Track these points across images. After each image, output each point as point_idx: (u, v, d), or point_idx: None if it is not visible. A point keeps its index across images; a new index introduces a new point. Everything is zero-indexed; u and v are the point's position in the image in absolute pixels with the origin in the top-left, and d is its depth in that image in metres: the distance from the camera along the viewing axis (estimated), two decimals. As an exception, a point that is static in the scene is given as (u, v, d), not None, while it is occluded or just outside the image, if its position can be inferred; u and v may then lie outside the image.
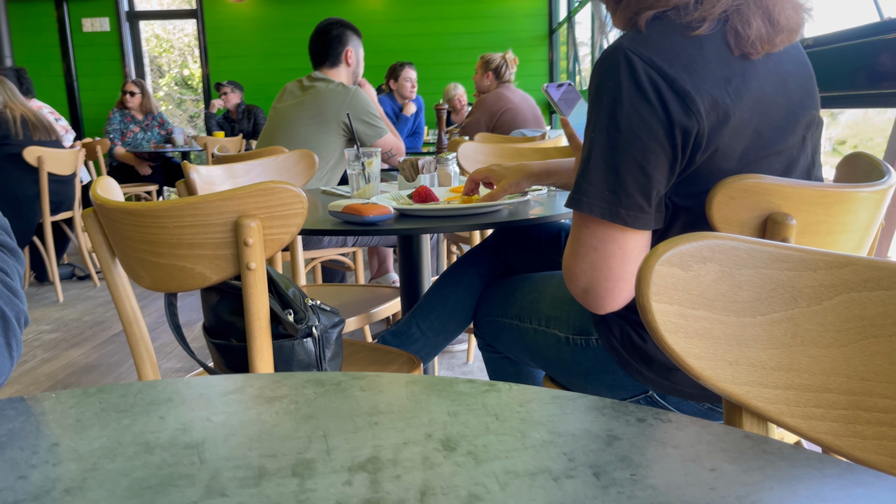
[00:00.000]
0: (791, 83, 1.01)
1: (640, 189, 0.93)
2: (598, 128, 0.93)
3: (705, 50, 0.92)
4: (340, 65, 2.74)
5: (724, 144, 0.93)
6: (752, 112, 0.95)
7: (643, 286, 0.51)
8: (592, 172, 0.94)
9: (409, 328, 1.55)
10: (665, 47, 0.91)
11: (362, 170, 1.61)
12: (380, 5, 6.81)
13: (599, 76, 0.93)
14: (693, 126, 0.90)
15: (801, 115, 1.03)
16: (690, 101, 0.89)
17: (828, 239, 1.02)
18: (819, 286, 0.51)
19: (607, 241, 0.96)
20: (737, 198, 0.95)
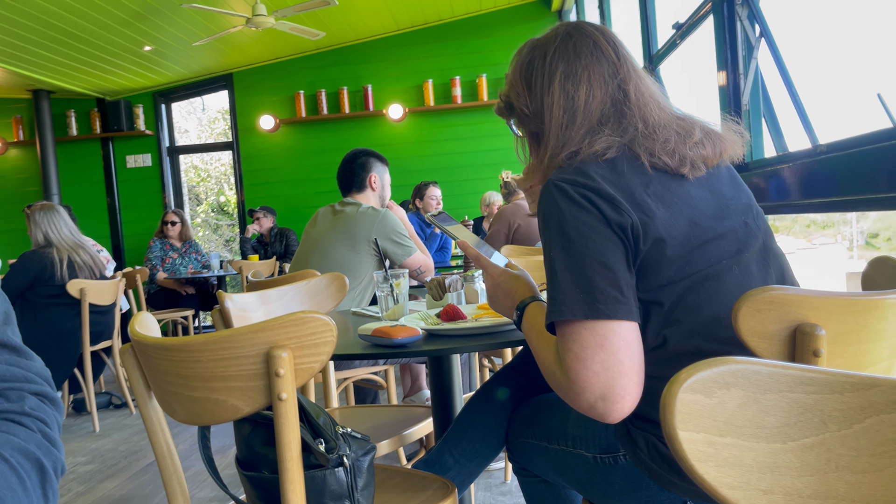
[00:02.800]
0: (713, 181, 1.14)
1: (609, 282, 0.98)
2: (554, 247, 1.02)
3: (618, 167, 1.07)
4: (366, 189, 2.86)
5: (663, 233, 1.02)
6: (680, 205, 1.06)
7: (668, 414, 0.51)
8: (561, 283, 1.00)
9: (441, 456, 1.52)
10: (584, 171, 1.05)
11: (391, 291, 1.64)
12: (406, 129, 7.13)
13: (542, 210, 1.06)
14: (626, 221, 1.00)
15: (733, 204, 1.13)
16: (617, 203, 1.01)
17: (861, 347, 1.00)
18: (847, 409, 0.51)
19: (609, 336, 0.97)
20: (762, 310, 0.95)
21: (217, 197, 13.50)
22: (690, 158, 1.10)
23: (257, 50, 6.85)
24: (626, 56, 1.19)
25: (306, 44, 6.77)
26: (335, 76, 7.12)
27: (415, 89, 7.05)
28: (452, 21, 6.98)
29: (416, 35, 7.04)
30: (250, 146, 7.29)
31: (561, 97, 1.14)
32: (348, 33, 6.88)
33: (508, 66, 1.26)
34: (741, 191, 1.18)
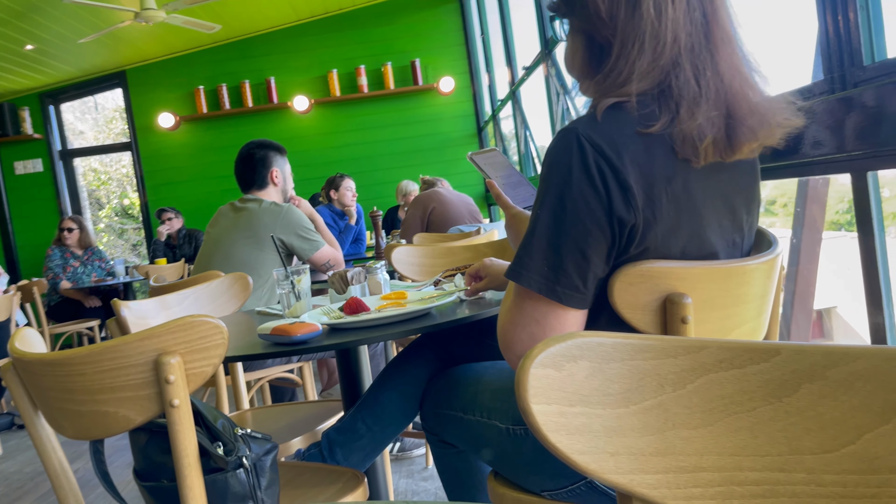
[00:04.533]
0: (733, 190, 1.05)
1: (578, 270, 0.95)
2: (545, 205, 0.96)
3: (653, 148, 0.94)
4: (268, 186, 2.80)
5: (659, 245, 0.97)
6: (690, 215, 0.98)
7: (522, 390, 0.54)
8: (534, 248, 0.97)
9: (354, 423, 1.53)
10: (616, 139, 0.93)
11: (292, 288, 1.63)
12: (313, 121, 7.02)
13: (552, 156, 0.96)
14: (630, 219, 0.93)
15: (742, 220, 1.07)
16: (632, 196, 0.92)
17: (726, 312, 1.07)
18: (681, 371, 0.55)
19: (549, 315, 0.98)
20: (635, 283, 1.01)
21: (120, 200, 12.91)
22: (739, 150, 0.98)
23: (151, 45, 6.58)
24: None
25: (203, 37, 6.55)
26: (236, 69, 6.93)
27: (320, 80, 6.95)
28: (354, 10, 6.91)
29: (318, 25, 6.93)
30: (150, 146, 7.01)
31: (647, 14, 0.94)
32: (247, 25, 6.70)
33: None
34: (753, 200, 1.10)
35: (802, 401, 0.52)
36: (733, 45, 0.99)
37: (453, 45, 6.96)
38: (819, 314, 15.54)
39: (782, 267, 1.25)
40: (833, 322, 15.57)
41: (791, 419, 0.52)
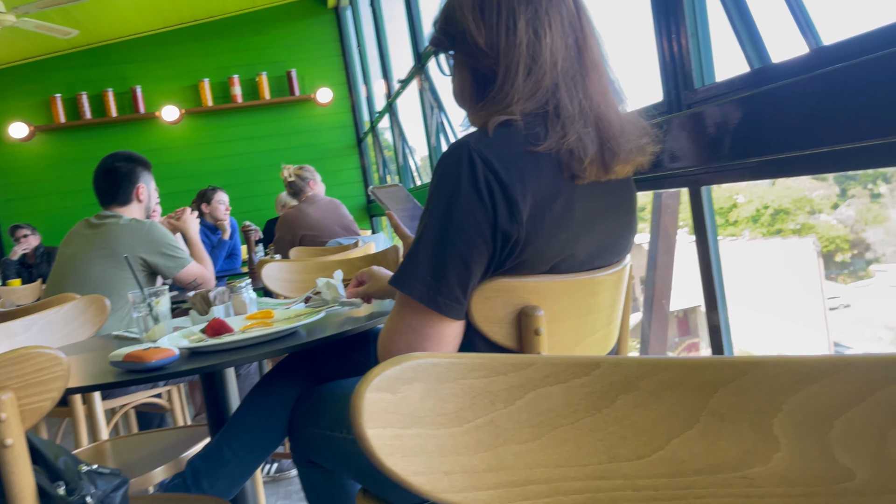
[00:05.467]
0: (610, 209, 1.09)
1: (460, 281, 0.97)
2: (433, 215, 0.97)
3: (540, 166, 0.98)
4: (132, 202, 2.66)
5: (535, 260, 1.00)
6: (568, 232, 1.01)
7: (357, 416, 0.54)
8: (420, 256, 0.98)
9: (219, 449, 1.48)
10: (505, 154, 0.96)
11: (149, 311, 1.55)
12: (183, 132, 6.73)
13: (443, 167, 0.98)
14: (514, 233, 0.96)
15: (617, 237, 1.12)
16: (517, 211, 0.95)
17: (577, 322, 1.13)
18: (511, 387, 0.57)
19: (426, 324, 0.99)
20: (491, 297, 1.04)
21: (-33, 216, 11.79)
22: (614, 169, 1.03)
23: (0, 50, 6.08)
24: (584, 8, 1.05)
25: (60, 42, 6.12)
26: (98, 77, 6.53)
27: (190, 89, 6.68)
28: (226, 18, 6.70)
29: (187, 32, 6.66)
30: (4, 157, 6.46)
31: (526, 38, 0.99)
32: (108, 31, 6.33)
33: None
34: (630, 225, 1.15)
35: (619, 410, 0.55)
36: (601, 71, 1.05)
37: (330, 55, 6.91)
38: (685, 313, 16.31)
39: (631, 276, 1.33)
40: (698, 320, 16.37)
41: (610, 428, 0.55)
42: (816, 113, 1.10)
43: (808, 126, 1.12)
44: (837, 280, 38.41)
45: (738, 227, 46.57)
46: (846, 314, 31.91)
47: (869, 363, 0.46)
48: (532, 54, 1.00)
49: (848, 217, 41.35)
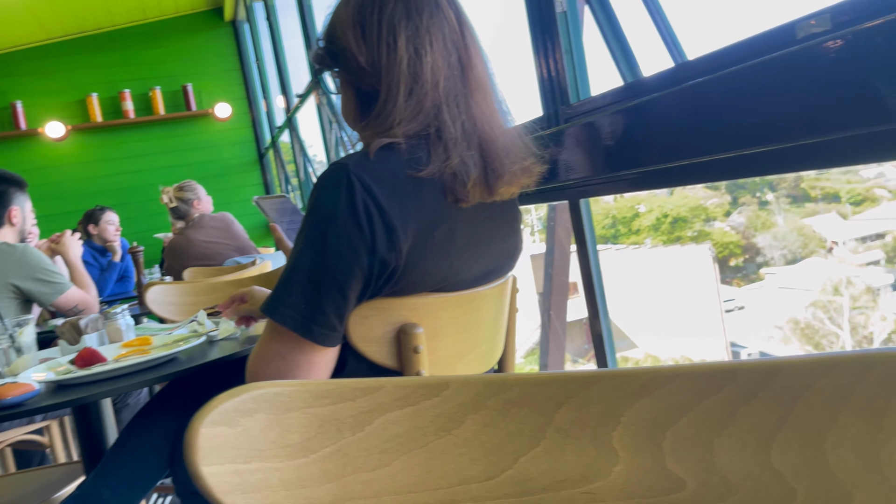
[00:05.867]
0: (495, 231, 1.09)
1: (336, 310, 0.94)
2: (308, 239, 0.93)
3: (423, 191, 0.95)
4: (3, 226, 2.48)
5: (412, 283, 0.98)
6: (452, 258, 1.00)
7: (191, 454, 0.51)
8: (293, 283, 0.94)
9: (96, 488, 1.38)
10: (386, 179, 0.93)
11: (11, 342, 1.44)
12: (70, 149, 6.37)
13: (320, 190, 0.94)
14: (392, 262, 0.93)
15: (504, 265, 1.11)
16: (396, 239, 0.92)
17: (459, 337, 1.12)
18: (360, 413, 0.55)
19: (296, 351, 0.95)
20: (369, 316, 1.02)
21: None
22: (498, 191, 1.02)
23: None
24: (467, 25, 1.03)
25: (-74, 53, 5.68)
26: (-28, 91, 6.10)
27: (77, 104, 6.34)
28: (115, 30, 6.41)
29: (73, 45, 6.32)
30: None
31: (406, 57, 0.97)
32: (-17, 42, 5.93)
33: (335, 9, 1.06)
34: (513, 241, 1.14)
35: (468, 431, 0.54)
36: (486, 90, 1.04)
37: (228, 69, 6.72)
38: None
39: (515, 288, 1.34)
40: None
41: (459, 450, 0.54)
42: (683, 125, 1.14)
43: (676, 138, 1.16)
44: (732, 283, 40.77)
45: (640, 236, 48.42)
46: (741, 315, 33.83)
47: (695, 373, 0.47)
48: (413, 73, 0.98)
49: (739, 224, 44.04)
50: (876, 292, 20.78)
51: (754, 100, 0.97)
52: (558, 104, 1.36)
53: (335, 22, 1.05)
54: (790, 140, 0.91)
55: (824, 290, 20.92)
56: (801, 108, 0.87)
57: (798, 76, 0.84)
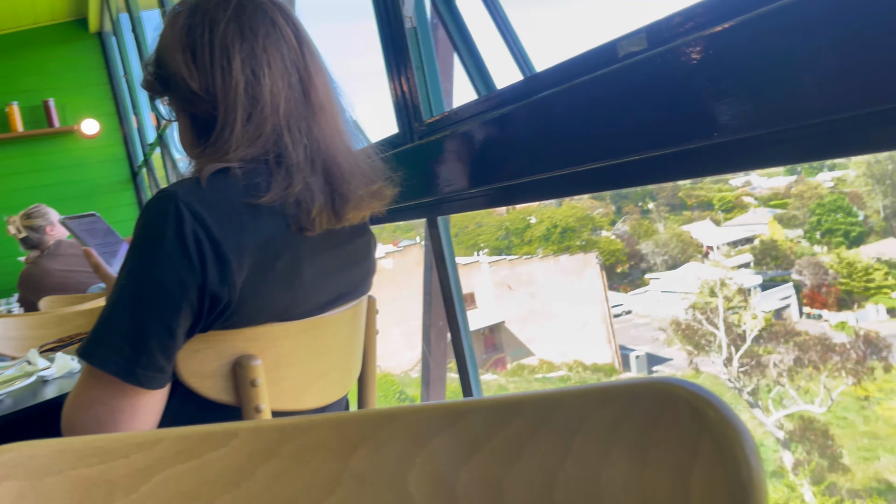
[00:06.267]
0: (347, 257, 1.03)
1: (163, 350, 0.85)
2: (131, 273, 0.84)
3: (262, 220, 0.89)
4: None
5: (249, 318, 0.91)
6: (296, 289, 0.94)
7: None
8: (114, 323, 0.84)
9: None
10: (220, 207, 0.86)
11: None
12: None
13: (145, 220, 0.85)
14: (225, 295, 0.86)
15: (356, 290, 1.06)
16: (230, 271, 0.85)
17: (306, 366, 1.06)
18: (135, 471, 0.49)
19: (118, 396, 0.85)
20: (200, 349, 0.94)
21: None
22: (347, 216, 0.97)
23: None
24: (308, 44, 0.99)
25: None
26: None
27: (-79, 121, 5.78)
28: (-37, 41, 5.90)
29: (-86, 56, 5.77)
30: None
31: (243, 80, 0.91)
32: None
33: (162, 32, 0.98)
34: (366, 266, 1.10)
35: (260, 483, 0.49)
36: (331, 112, 1.00)
37: (95, 84, 6.33)
38: (491, 330, 18.03)
39: (375, 309, 1.30)
40: (503, 335, 18.16)
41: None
42: (536, 139, 1.14)
43: (531, 152, 1.16)
44: (619, 289, 42.57)
45: (532, 247, 49.68)
46: (628, 320, 35.44)
47: (486, 407, 0.45)
48: (251, 97, 0.92)
49: (624, 232, 46.01)
50: (747, 292, 22.36)
51: (593, 114, 0.98)
52: (412, 121, 1.34)
53: (163, 45, 0.97)
54: (627, 154, 0.92)
55: (702, 292, 22.29)
56: (631, 124, 0.88)
57: (622, 93, 0.85)
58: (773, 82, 0.69)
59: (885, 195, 44.76)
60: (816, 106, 0.65)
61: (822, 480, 14.24)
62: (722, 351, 18.30)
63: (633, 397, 0.35)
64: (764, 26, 0.68)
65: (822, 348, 17.20)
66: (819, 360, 16.95)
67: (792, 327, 20.72)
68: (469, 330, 1.36)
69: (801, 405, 16.53)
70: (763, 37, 0.68)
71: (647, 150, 0.85)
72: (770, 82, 0.70)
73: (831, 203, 45.83)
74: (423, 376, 3.02)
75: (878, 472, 16.82)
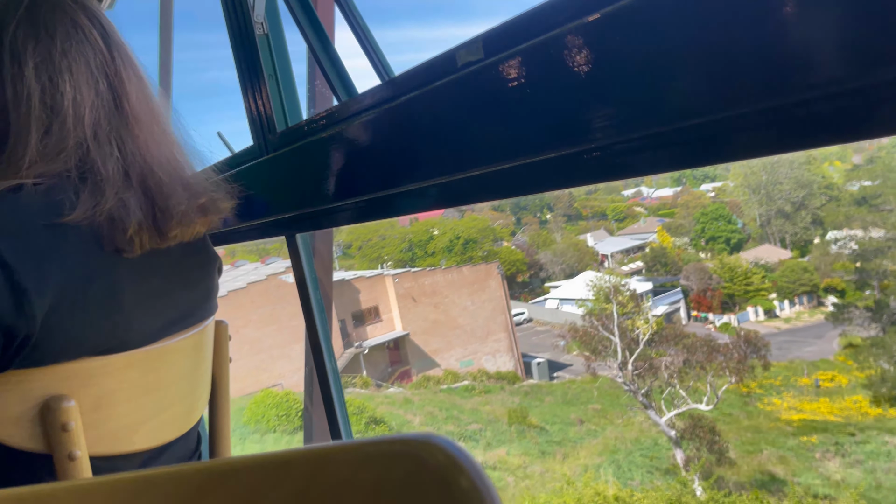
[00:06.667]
0: (181, 284, 0.94)
1: None
2: None
3: (67, 242, 0.78)
4: None
5: (60, 352, 0.80)
6: (115, 320, 0.84)
7: None
8: None
9: None
10: (13, 230, 0.75)
11: None
12: None
13: None
14: (22, 329, 0.75)
15: (195, 313, 0.97)
16: (27, 302, 0.74)
17: (137, 403, 0.96)
18: None
19: None
20: (2, 392, 0.82)
21: None
22: (171, 234, 0.87)
23: None
24: (120, 46, 0.90)
25: None
26: None
27: None
28: None
29: None
30: None
31: (38, 88, 0.82)
32: None
33: None
34: (205, 284, 1.00)
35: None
36: (149, 121, 0.91)
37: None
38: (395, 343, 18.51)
39: (226, 335, 1.20)
40: (408, 347, 18.51)
41: None
42: (391, 150, 1.08)
43: (391, 163, 1.10)
44: (520, 298, 43.51)
45: (436, 258, 50.04)
46: (529, 328, 36.31)
47: (254, 466, 0.38)
48: (49, 107, 0.83)
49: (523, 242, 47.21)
50: (640, 298, 23.38)
51: (441, 125, 0.93)
52: (265, 133, 1.26)
53: None
54: (471, 168, 0.88)
55: (598, 299, 23.11)
56: (474, 136, 0.84)
57: (464, 103, 0.81)
58: (618, 89, 0.67)
59: (760, 204, 48.22)
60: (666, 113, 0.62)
61: (710, 475, 15.01)
62: (617, 355, 19.00)
63: (391, 458, 0.29)
64: (600, 31, 0.65)
65: (708, 349, 18.19)
66: (705, 360, 17.91)
67: (681, 330, 21.84)
68: (334, 360, 1.28)
69: (691, 404, 17.39)
70: (603, 41, 0.65)
71: (489, 164, 0.81)
72: (615, 89, 0.67)
73: (713, 212, 48.91)
74: (305, 395, 2.90)
75: (762, 464, 17.94)
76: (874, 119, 0.50)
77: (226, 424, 1.22)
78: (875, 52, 0.47)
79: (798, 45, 0.51)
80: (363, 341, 26.22)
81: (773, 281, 38.61)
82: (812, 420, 21.71)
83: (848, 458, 18.13)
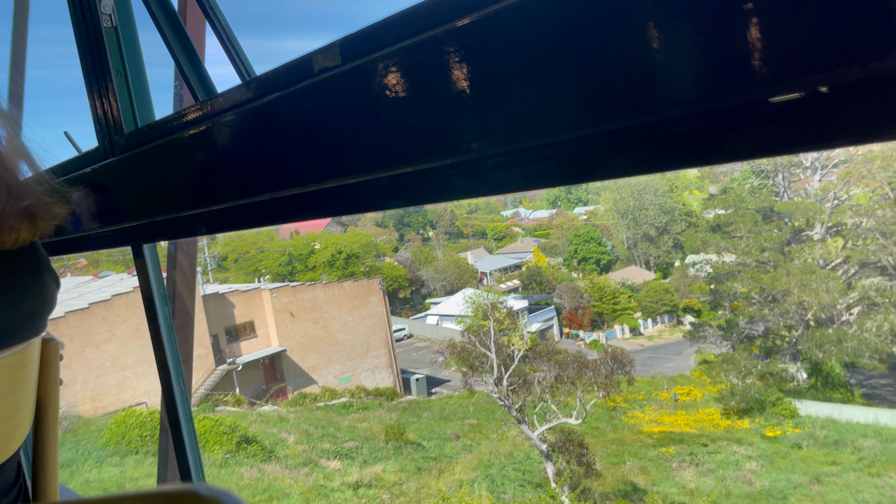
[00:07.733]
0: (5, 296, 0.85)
1: None
2: None
3: None
4: None
5: None
6: None
7: None
8: None
9: None
10: None
11: None
12: None
13: None
14: None
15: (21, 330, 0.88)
16: None
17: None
18: None
19: None
20: None
21: None
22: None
23: None
24: None
25: None
26: None
27: None
28: None
29: None
30: None
31: None
32: None
33: None
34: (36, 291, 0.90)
35: None
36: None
37: None
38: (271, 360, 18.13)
39: (56, 356, 1.07)
40: (284, 364, 18.22)
41: None
42: (251, 155, 1.00)
43: (252, 170, 1.01)
44: (401, 314, 43.70)
45: (317, 273, 49.27)
46: (409, 343, 36.49)
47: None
48: None
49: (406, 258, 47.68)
50: (516, 315, 23.96)
51: (309, 132, 0.87)
52: (112, 134, 1.14)
53: None
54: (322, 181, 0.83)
55: (476, 315, 23.46)
56: (338, 144, 0.79)
57: (326, 109, 0.76)
58: (480, 103, 0.64)
59: (627, 228, 51.10)
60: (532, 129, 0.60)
61: (577, 486, 15.54)
62: (493, 371, 19.34)
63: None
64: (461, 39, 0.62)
65: (578, 365, 18.90)
66: (576, 375, 18.58)
67: (553, 346, 22.57)
68: (183, 381, 1.17)
69: (562, 418, 17.96)
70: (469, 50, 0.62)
71: (352, 175, 0.77)
72: (477, 102, 0.64)
73: (585, 234, 51.29)
74: (161, 417, 2.70)
75: (625, 475, 18.81)
76: (727, 143, 0.50)
77: (53, 454, 1.09)
78: (726, 77, 0.46)
79: (660, 66, 0.50)
80: (237, 357, 25.17)
81: (638, 300, 40.92)
82: (670, 432, 23.09)
83: (701, 468, 19.39)
